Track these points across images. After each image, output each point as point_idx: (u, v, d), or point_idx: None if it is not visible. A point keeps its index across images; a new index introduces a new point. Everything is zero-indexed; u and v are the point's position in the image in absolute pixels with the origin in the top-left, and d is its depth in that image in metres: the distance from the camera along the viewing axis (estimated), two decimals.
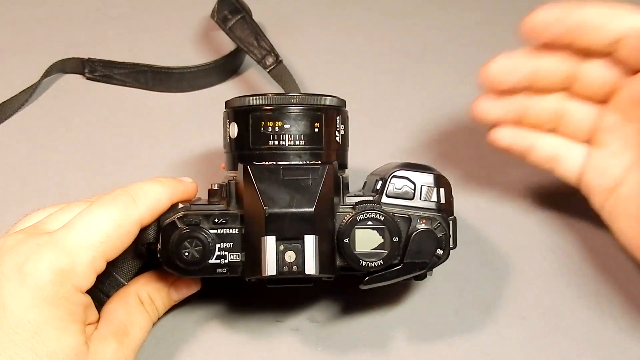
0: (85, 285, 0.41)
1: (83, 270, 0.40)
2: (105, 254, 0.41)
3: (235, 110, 0.46)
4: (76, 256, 0.40)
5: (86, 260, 0.40)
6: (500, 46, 0.68)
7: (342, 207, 0.44)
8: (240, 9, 0.64)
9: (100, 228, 0.41)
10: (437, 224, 0.44)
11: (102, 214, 0.41)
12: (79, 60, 0.65)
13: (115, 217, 0.42)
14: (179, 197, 0.45)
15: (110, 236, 0.41)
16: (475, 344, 0.49)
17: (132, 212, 0.42)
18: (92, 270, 0.41)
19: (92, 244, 0.41)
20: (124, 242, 0.42)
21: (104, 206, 0.42)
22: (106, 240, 0.41)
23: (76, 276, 0.40)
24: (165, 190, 0.44)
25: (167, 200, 0.44)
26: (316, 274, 0.42)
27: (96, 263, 0.41)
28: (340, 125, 0.47)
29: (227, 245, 0.44)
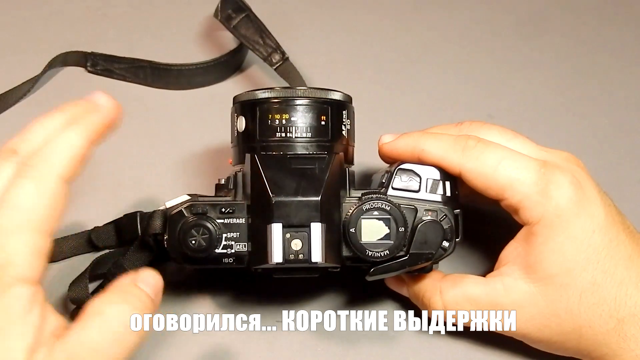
0: (30, 272, 0.37)
1: (20, 257, 0.36)
2: (38, 230, 0.37)
3: (243, 103, 0.47)
4: (7, 246, 0.36)
5: (20, 246, 0.36)
6: (500, 46, 0.69)
7: (348, 199, 0.45)
8: (243, 7, 0.64)
9: (24, 206, 0.37)
10: (443, 216, 0.45)
11: (21, 191, 0.37)
12: (81, 54, 0.65)
13: (32, 189, 0.37)
14: (96, 132, 0.40)
15: (36, 210, 0.37)
16: (481, 339, 0.49)
17: (50, 177, 0.38)
18: (31, 254, 0.37)
19: (20, 227, 0.36)
20: (54, 209, 0.38)
21: (18, 182, 0.37)
22: (33, 217, 0.37)
23: (14, 267, 0.36)
24: (77, 132, 0.39)
25: (82, 143, 0.39)
26: (322, 262, 0.42)
27: (33, 244, 0.37)
28: (347, 119, 0.47)
29: (234, 234, 0.44)
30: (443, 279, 0.47)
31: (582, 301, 0.43)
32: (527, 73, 0.67)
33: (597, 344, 0.44)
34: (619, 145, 0.63)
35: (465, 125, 0.49)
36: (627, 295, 0.43)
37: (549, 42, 0.70)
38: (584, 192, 0.44)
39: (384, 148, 0.48)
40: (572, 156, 0.48)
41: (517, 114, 0.64)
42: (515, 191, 0.44)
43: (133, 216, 0.49)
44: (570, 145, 0.52)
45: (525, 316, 0.45)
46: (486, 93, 0.66)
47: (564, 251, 0.44)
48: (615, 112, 0.65)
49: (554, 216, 0.44)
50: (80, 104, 0.42)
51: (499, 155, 0.45)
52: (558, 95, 0.66)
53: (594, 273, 0.43)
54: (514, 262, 0.45)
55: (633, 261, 0.44)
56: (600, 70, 0.68)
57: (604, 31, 0.71)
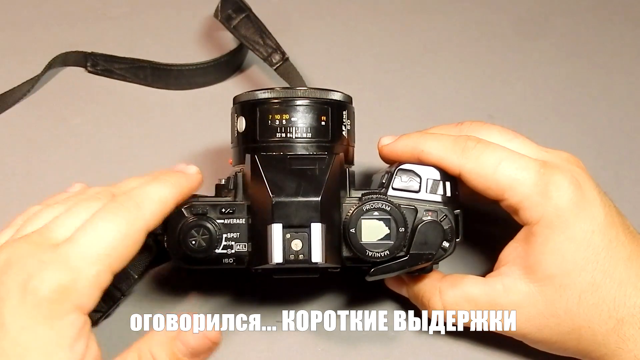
0: (87, 303, 0.38)
1: (85, 286, 0.38)
2: (111, 266, 0.39)
3: (243, 104, 0.47)
4: (79, 272, 0.38)
5: (89, 275, 0.38)
6: (500, 46, 0.69)
7: (349, 199, 0.45)
8: (244, 7, 0.64)
9: (106, 241, 0.39)
10: (443, 216, 0.45)
11: (107, 225, 0.39)
12: (81, 54, 0.65)
13: (121, 228, 0.39)
14: (183, 195, 0.43)
15: (115, 248, 0.39)
16: (481, 339, 0.49)
17: (139, 221, 0.40)
18: (95, 286, 0.38)
19: (97, 258, 0.38)
20: (130, 252, 0.40)
21: (109, 217, 0.39)
22: (112, 253, 0.39)
23: (77, 293, 0.37)
24: (171, 190, 0.42)
25: (173, 200, 0.42)
26: (322, 262, 0.42)
27: (101, 278, 0.38)
28: (347, 120, 0.47)
29: (234, 235, 0.44)
30: (442, 280, 0.47)
31: (581, 301, 0.44)
32: (527, 73, 0.67)
33: (596, 344, 0.44)
34: (619, 145, 0.63)
35: (466, 125, 0.49)
36: (626, 295, 0.43)
37: (549, 42, 0.70)
38: (583, 193, 0.44)
39: (383, 150, 0.48)
40: (572, 156, 0.48)
41: (517, 114, 0.64)
42: (515, 192, 0.44)
43: None
44: (570, 145, 0.52)
45: (524, 316, 0.45)
46: (486, 93, 0.66)
47: (564, 252, 0.44)
48: (615, 112, 0.65)
49: (554, 217, 0.44)
50: (174, 172, 0.45)
51: (498, 156, 0.45)
52: (558, 95, 0.66)
53: (593, 273, 0.43)
54: (513, 263, 0.46)
55: (632, 262, 0.44)
56: (600, 70, 0.68)
57: (604, 31, 0.71)
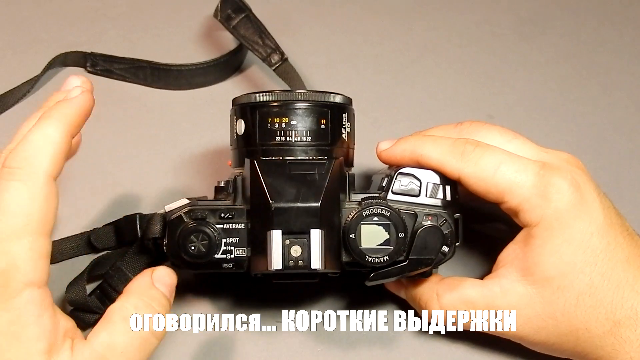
0: (36, 277, 0.37)
1: (24, 261, 0.36)
2: (37, 231, 0.37)
3: (243, 106, 0.47)
4: (10, 251, 0.36)
5: (23, 250, 0.37)
6: (500, 46, 0.69)
7: (348, 203, 0.45)
8: (243, 7, 0.64)
9: (18, 211, 0.37)
10: (443, 221, 0.45)
11: (11, 196, 0.37)
12: (81, 54, 0.65)
13: (24, 192, 0.37)
14: (73, 124, 0.40)
15: (31, 213, 0.37)
16: (480, 340, 0.49)
17: (38, 177, 0.38)
18: (35, 257, 0.37)
19: (19, 231, 0.37)
20: (48, 208, 0.38)
21: (7, 186, 0.37)
22: (30, 220, 0.37)
23: (19, 271, 0.36)
24: (54, 127, 0.39)
25: (62, 137, 0.39)
26: (322, 268, 0.42)
27: (36, 246, 0.37)
28: (347, 122, 0.47)
29: (233, 240, 0.44)
30: (440, 283, 0.47)
31: (579, 303, 0.44)
32: (527, 73, 0.67)
33: (594, 346, 0.44)
34: (619, 145, 0.63)
35: (466, 125, 0.48)
36: (623, 298, 0.43)
37: (549, 42, 0.70)
38: (582, 195, 0.44)
39: (382, 155, 0.48)
40: (572, 157, 0.48)
41: (517, 114, 0.64)
42: (515, 194, 0.44)
43: (132, 218, 0.49)
44: (570, 146, 0.52)
45: (522, 318, 0.45)
46: (486, 93, 0.66)
47: (562, 253, 0.44)
48: (615, 112, 0.65)
49: (553, 219, 0.44)
50: (54, 96, 0.42)
51: (497, 159, 0.45)
52: (558, 95, 0.66)
53: (591, 276, 0.44)
54: (511, 264, 0.46)
55: (630, 264, 0.44)
56: (600, 70, 0.68)
57: (604, 31, 0.71)
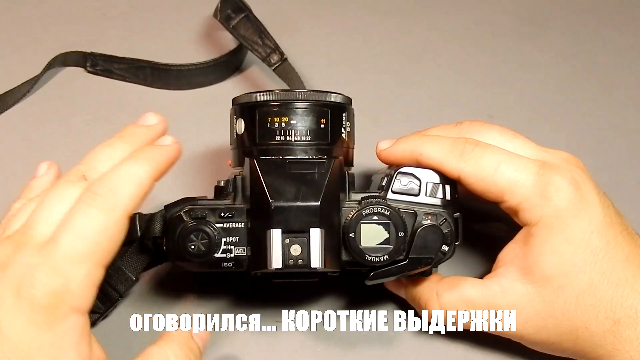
0: (84, 303, 0.38)
1: (78, 287, 0.38)
2: (99, 262, 0.38)
3: (242, 106, 0.47)
4: (69, 275, 0.37)
5: (80, 276, 0.38)
6: (500, 46, 0.69)
7: (348, 203, 0.45)
8: (243, 7, 0.64)
9: (88, 237, 0.38)
10: (443, 220, 0.45)
11: (86, 220, 0.38)
12: (80, 54, 0.65)
13: (100, 220, 0.38)
14: (161, 171, 0.41)
15: (99, 243, 0.38)
16: (480, 340, 0.49)
17: (117, 209, 0.39)
18: (88, 285, 0.38)
19: (83, 257, 0.38)
20: (115, 242, 0.39)
21: (86, 210, 0.38)
22: (96, 248, 0.38)
23: (71, 296, 0.37)
24: (146, 169, 0.40)
25: (149, 180, 0.40)
26: (322, 267, 0.42)
27: (92, 275, 0.38)
28: (346, 122, 0.47)
29: (233, 239, 0.44)
30: (440, 282, 0.47)
31: (579, 302, 0.44)
32: (527, 73, 0.67)
33: (594, 345, 0.44)
34: (619, 145, 0.63)
35: (465, 125, 0.48)
36: (623, 296, 0.43)
37: (549, 42, 0.70)
38: (582, 194, 0.44)
39: (382, 155, 0.48)
40: (572, 156, 0.48)
41: (517, 114, 0.64)
42: (514, 193, 0.44)
43: (132, 217, 0.48)
44: (570, 145, 0.52)
45: (522, 317, 0.45)
46: (486, 93, 0.66)
47: (562, 252, 0.44)
48: (615, 112, 0.65)
49: (553, 218, 0.44)
50: (142, 131, 0.43)
51: (497, 158, 0.45)
52: (558, 95, 0.66)
53: (591, 274, 0.44)
54: (511, 263, 0.46)
55: (630, 263, 0.44)
56: (600, 70, 0.68)
57: (604, 31, 0.71)
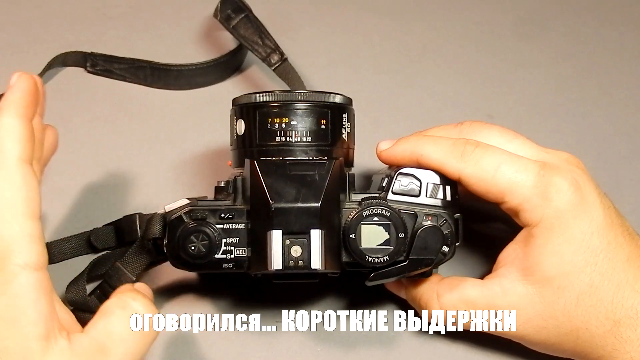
0: (32, 259, 0.37)
1: (18, 243, 0.36)
2: (25, 214, 0.37)
3: (242, 107, 0.47)
4: (2, 234, 0.36)
5: (14, 232, 0.36)
6: (500, 46, 0.69)
7: (348, 204, 0.45)
8: (243, 7, 0.64)
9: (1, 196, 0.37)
10: (443, 221, 0.45)
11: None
12: (81, 54, 0.65)
13: (4, 179, 0.37)
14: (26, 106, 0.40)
15: (14, 196, 0.37)
16: (480, 340, 0.49)
17: (12, 163, 0.37)
18: (28, 239, 0.37)
19: (6, 214, 0.37)
20: (32, 191, 0.38)
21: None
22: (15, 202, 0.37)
23: (14, 254, 0.36)
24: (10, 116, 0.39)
25: (22, 123, 0.39)
26: (322, 268, 0.42)
27: (25, 228, 0.37)
28: (347, 122, 0.47)
29: (234, 240, 0.44)
30: (440, 282, 0.47)
31: (579, 303, 0.44)
32: (527, 73, 0.67)
33: (594, 346, 0.44)
34: (619, 145, 0.63)
35: (466, 125, 0.49)
36: (623, 297, 0.43)
37: (549, 42, 0.70)
38: (583, 194, 0.44)
39: (382, 155, 0.48)
40: (572, 157, 0.48)
41: (517, 114, 0.64)
42: (515, 194, 0.44)
43: (132, 218, 0.49)
44: (570, 145, 0.52)
45: (522, 318, 0.45)
46: (486, 93, 0.66)
47: (562, 253, 0.44)
48: (615, 112, 0.65)
49: (553, 218, 0.44)
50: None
51: (497, 159, 0.45)
52: (558, 95, 0.66)
53: (591, 275, 0.44)
54: (512, 264, 0.46)
55: (631, 263, 0.44)
56: (600, 70, 0.68)
57: (604, 31, 0.71)
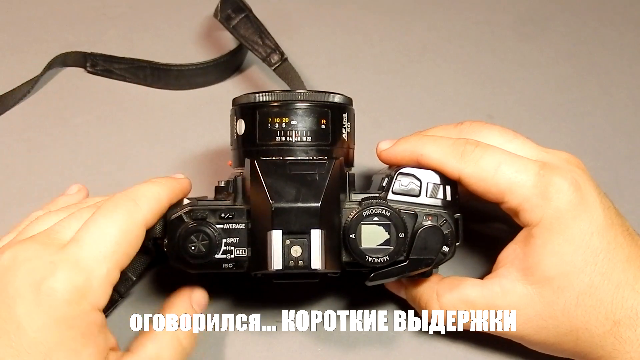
0: (102, 302, 0.41)
1: (99, 285, 0.40)
2: (118, 263, 0.41)
3: (243, 106, 0.47)
4: (91, 272, 0.40)
5: (101, 274, 0.40)
6: (500, 46, 0.69)
7: (349, 203, 0.45)
8: (243, 7, 0.64)
9: (109, 238, 0.41)
10: (443, 221, 0.45)
11: (109, 223, 0.41)
12: (80, 54, 0.65)
13: (122, 224, 0.41)
14: (176, 195, 0.45)
15: (120, 244, 0.41)
16: (480, 340, 0.49)
17: (137, 216, 0.42)
18: (107, 284, 0.41)
19: (104, 256, 0.40)
20: (133, 248, 0.42)
21: (109, 214, 0.42)
22: (117, 249, 0.41)
23: (92, 293, 0.40)
24: (163, 189, 0.44)
25: (166, 199, 0.44)
26: (322, 268, 0.42)
27: (111, 275, 0.41)
28: (347, 122, 0.47)
29: (234, 240, 0.44)
30: (440, 282, 0.47)
31: (579, 303, 0.44)
32: (527, 73, 0.67)
33: (594, 346, 0.44)
34: (619, 145, 0.63)
35: (466, 125, 0.49)
36: (623, 297, 0.43)
37: (549, 42, 0.70)
38: (583, 194, 0.44)
39: (382, 155, 0.48)
40: (572, 157, 0.48)
41: (517, 114, 0.64)
42: (515, 194, 0.44)
43: None
44: (570, 146, 0.52)
45: (522, 318, 0.45)
46: (486, 93, 0.66)
47: (562, 253, 0.44)
48: (615, 112, 0.65)
49: (553, 218, 0.44)
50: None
51: (497, 159, 0.45)
52: (558, 95, 0.66)
53: (591, 275, 0.44)
54: (511, 264, 0.46)
55: (630, 264, 0.44)
56: (600, 70, 0.68)
57: (604, 31, 0.71)
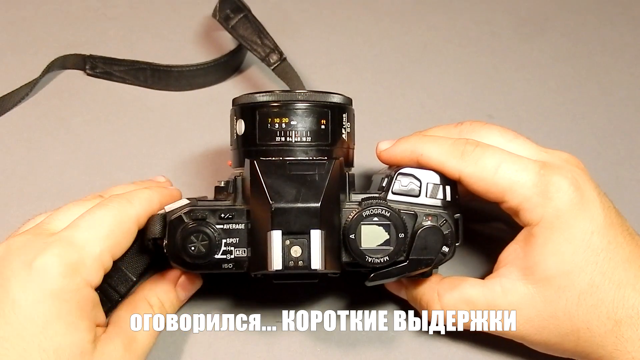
0: (95, 280, 0.42)
1: (92, 263, 0.41)
2: (110, 249, 0.43)
3: (242, 107, 0.47)
4: (84, 250, 0.41)
5: (94, 253, 0.42)
6: (500, 46, 0.69)
7: (348, 204, 0.45)
8: (242, 7, 0.64)
9: (103, 225, 0.43)
10: (443, 221, 0.45)
11: (103, 213, 0.43)
12: (80, 57, 0.65)
13: (115, 215, 0.43)
14: (167, 201, 0.47)
15: (113, 231, 0.43)
16: (480, 340, 0.49)
17: (131, 211, 0.44)
18: (99, 264, 0.42)
19: (98, 238, 0.42)
20: (125, 239, 0.44)
21: (103, 207, 0.44)
22: (110, 235, 0.42)
23: (86, 269, 0.41)
24: (154, 193, 0.46)
25: (157, 202, 0.46)
26: (322, 269, 0.42)
27: (103, 257, 0.42)
28: (347, 122, 0.47)
29: (234, 240, 0.44)
30: (441, 282, 0.47)
31: (580, 303, 0.44)
32: (527, 73, 0.67)
33: (595, 346, 0.44)
34: (619, 145, 0.63)
35: (466, 125, 0.49)
36: (624, 297, 0.43)
37: (549, 42, 0.70)
38: (583, 194, 0.44)
39: (382, 155, 0.48)
40: (572, 157, 0.48)
41: (517, 114, 0.64)
42: (515, 194, 0.44)
43: None
44: (570, 146, 0.52)
45: (523, 318, 0.45)
46: (486, 93, 0.66)
47: (563, 253, 0.44)
48: (615, 112, 0.65)
49: (554, 218, 0.44)
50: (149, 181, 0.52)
51: (497, 159, 0.45)
52: (558, 95, 0.66)
53: (592, 275, 0.44)
54: (512, 264, 0.46)
55: (631, 263, 0.44)
56: (600, 70, 0.68)
57: (604, 31, 0.71)
